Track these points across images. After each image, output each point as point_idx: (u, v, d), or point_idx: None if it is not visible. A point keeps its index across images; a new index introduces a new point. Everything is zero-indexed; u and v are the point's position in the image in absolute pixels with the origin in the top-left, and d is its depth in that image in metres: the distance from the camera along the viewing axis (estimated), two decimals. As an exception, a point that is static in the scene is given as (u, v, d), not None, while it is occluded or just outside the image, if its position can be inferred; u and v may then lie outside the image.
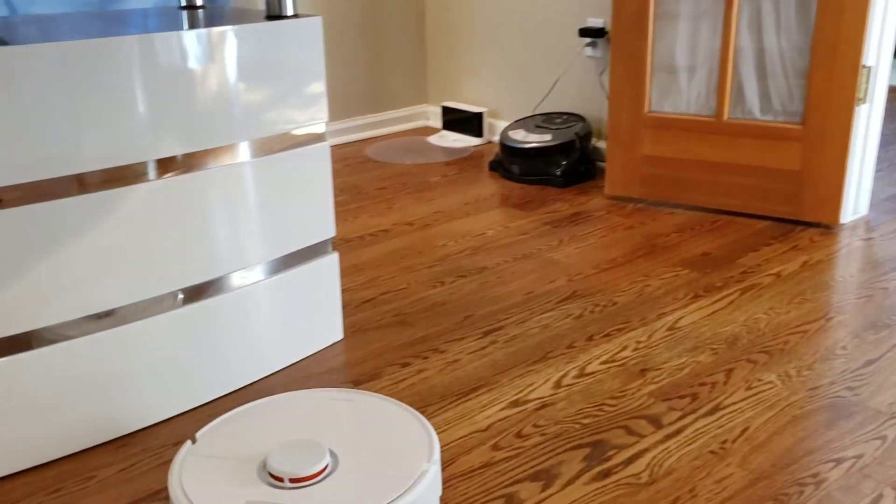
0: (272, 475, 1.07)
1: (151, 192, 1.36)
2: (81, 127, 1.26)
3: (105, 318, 1.35)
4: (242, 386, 1.56)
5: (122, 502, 1.25)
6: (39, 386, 1.30)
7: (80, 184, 1.29)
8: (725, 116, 2.34)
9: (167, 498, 1.24)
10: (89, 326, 1.34)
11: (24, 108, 1.20)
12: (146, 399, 1.42)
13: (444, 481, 1.27)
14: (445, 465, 1.32)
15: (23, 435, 1.30)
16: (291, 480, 1.06)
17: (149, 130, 1.33)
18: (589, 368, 1.60)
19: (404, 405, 1.23)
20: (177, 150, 1.38)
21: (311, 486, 1.06)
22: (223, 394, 1.53)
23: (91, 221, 1.30)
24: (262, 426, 1.20)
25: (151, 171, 1.36)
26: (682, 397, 1.49)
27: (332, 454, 1.12)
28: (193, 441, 1.16)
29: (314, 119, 1.57)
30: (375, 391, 1.53)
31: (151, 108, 1.32)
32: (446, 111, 3.36)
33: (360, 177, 2.86)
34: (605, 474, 1.29)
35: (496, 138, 3.21)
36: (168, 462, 1.33)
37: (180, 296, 1.44)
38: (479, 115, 3.24)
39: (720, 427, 1.40)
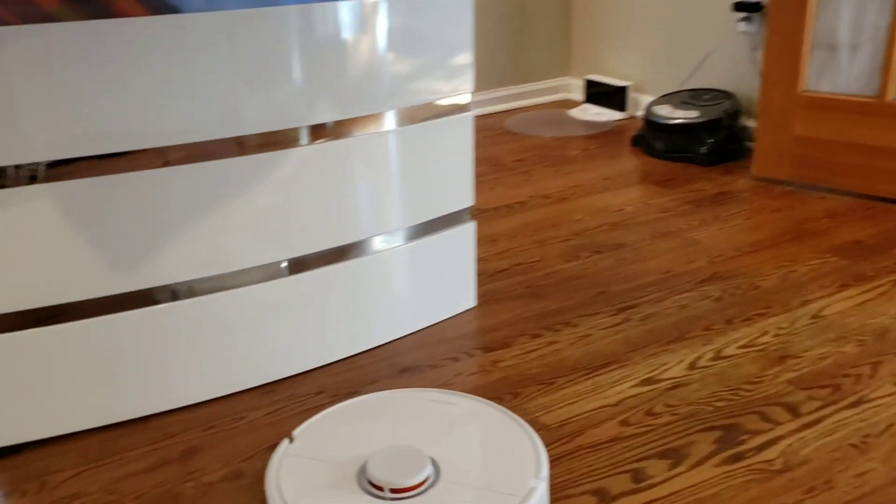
0: (371, 483, 1.03)
1: (303, 156, 1.43)
2: (243, 92, 1.34)
3: (257, 274, 1.44)
4: (379, 344, 1.62)
5: (267, 444, 1.34)
6: (198, 331, 1.41)
7: (240, 146, 1.37)
8: (890, 97, 2.20)
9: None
10: (242, 279, 1.43)
11: (192, 73, 1.28)
12: (292, 350, 1.51)
13: (571, 452, 1.29)
14: (573, 435, 1.33)
15: (182, 375, 1.42)
16: (392, 490, 1.02)
17: (304, 97, 1.39)
18: (726, 352, 1.56)
19: (511, 413, 1.18)
20: (328, 118, 1.44)
21: (412, 498, 1.01)
22: (361, 350, 1.60)
23: (247, 182, 1.39)
24: (360, 427, 1.16)
25: (304, 137, 1.43)
26: (822, 387, 1.44)
27: (434, 463, 1.07)
28: (291, 440, 1.14)
29: (459, 90, 1.59)
30: (506, 360, 1.56)
31: (307, 75, 1.39)
32: (590, 84, 3.32)
33: (498, 148, 2.88)
34: (737, 458, 1.27)
35: (640, 113, 3.14)
36: (310, 410, 1.41)
37: (323, 256, 1.51)
38: (623, 90, 3.18)
39: (863, 420, 1.35)
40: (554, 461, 1.27)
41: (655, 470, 1.25)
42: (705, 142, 2.62)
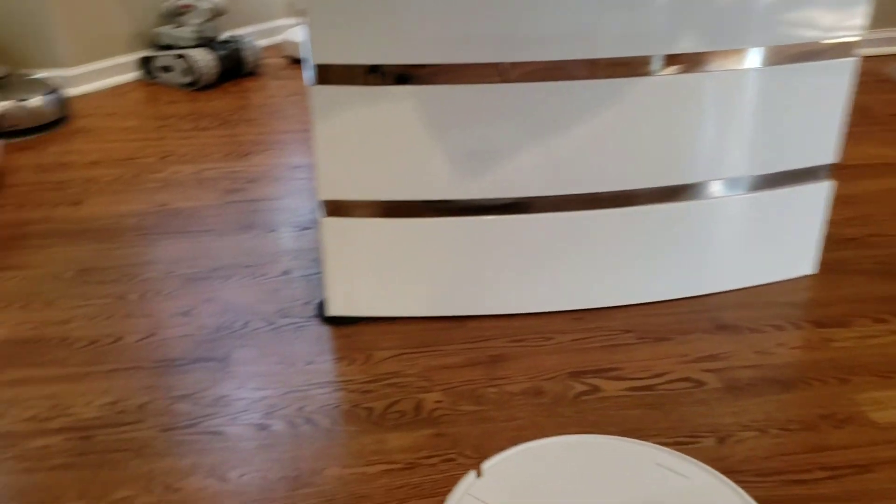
0: None
1: (652, 86, 1.37)
2: (604, 12, 1.30)
3: (585, 201, 1.44)
4: (697, 294, 1.55)
5: (570, 368, 1.36)
6: (520, 247, 1.45)
7: (592, 68, 1.35)
8: None
9: (614, 378, 1.32)
10: (569, 205, 1.43)
11: (561, -8, 1.28)
12: (606, 281, 1.50)
13: (881, 461, 1.15)
14: (890, 443, 1.18)
15: (502, 286, 1.48)
16: None
17: (666, 24, 1.33)
18: None
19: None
20: (686, 48, 1.35)
21: None
22: (677, 297, 1.54)
23: (591, 107, 1.36)
24: (558, 479, 1.00)
25: (656, 65, 1.36)
26: None
27: None
28: (479, 474, 1.05)
29: (846, 28, 1.41)
30: (839, 340, 1.41)
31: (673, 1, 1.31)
32: None
33: (872, 97, 2.55)
34: None
35: None
36: (616, 346, 1.41)
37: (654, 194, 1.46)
38: None
39: None
40: (877, 465, 1.14)
41: None
42: None
